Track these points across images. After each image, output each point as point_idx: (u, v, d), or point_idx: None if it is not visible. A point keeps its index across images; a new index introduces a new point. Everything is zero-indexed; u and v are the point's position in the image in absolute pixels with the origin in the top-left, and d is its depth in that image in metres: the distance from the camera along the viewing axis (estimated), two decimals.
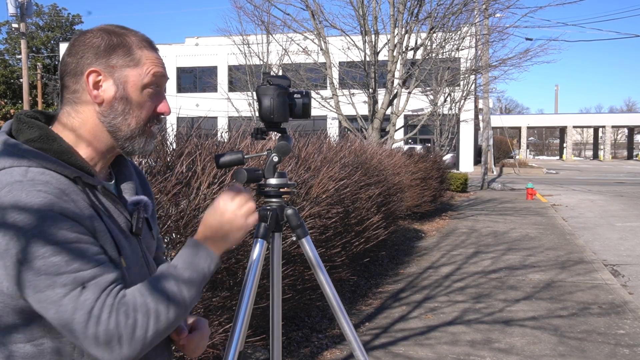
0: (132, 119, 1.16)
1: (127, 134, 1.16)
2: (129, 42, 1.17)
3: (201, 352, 1.36)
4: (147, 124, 1.18)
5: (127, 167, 1.29)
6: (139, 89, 1.16)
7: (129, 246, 1.15)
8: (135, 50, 1.17)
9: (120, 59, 1.15)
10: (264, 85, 1.74)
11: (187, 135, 3.37)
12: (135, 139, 1.17)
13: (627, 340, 4.30)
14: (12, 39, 42.33)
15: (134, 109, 1.16)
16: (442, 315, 4.88)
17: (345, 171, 4.91)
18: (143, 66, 1.16)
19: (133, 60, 1.16)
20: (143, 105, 1.17)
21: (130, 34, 1.19)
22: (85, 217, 1.04)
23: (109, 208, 1.15)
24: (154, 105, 1.19)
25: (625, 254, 8.09)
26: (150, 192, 1.38)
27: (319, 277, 1.86)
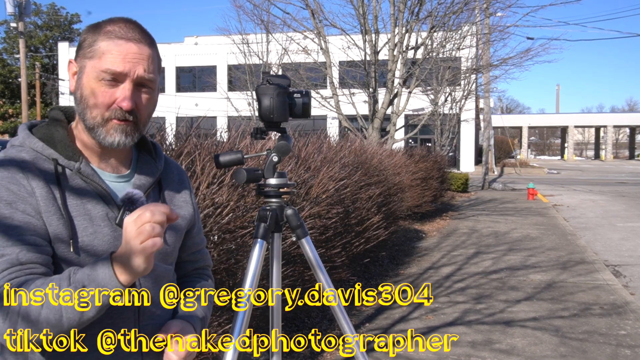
0: (88, 109, 1.17)
1: (90, 123, 1.18)
2: (100, 32, 1.17)
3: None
4: (105, 114, 1.17)
5: (149, 163, 1.30)
6: (92, 80, 1.16)
7: (101, 233, 1.16)
8: (100, 42, 1.16)
9: (85, 50, 1.18)
10: (263, 84, 1.73)
11: (186, 135, 3.35)
12: (96, 130, 1.18)
13: (629, 341, 4.29)
14: (10, 38, 42.32)
15: (87, 99, 1.17)
16: (443, 316, 4.87)
17: (345, 171, 4.89)
18: (99, 58, 1.15)
19: (92, 51, 1.16)
20: (96, 96, 1.16)
21: (114, 23, 1.19)
22: (32, 195, 1.11)
23: (82, 194, 1.17)
24: (112, 97, 1.16)
25: (627, 254, 8.08)
26: (185, 199, 1.37)
27: (319, 277, 1.85)
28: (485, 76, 18.57)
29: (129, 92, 1.16)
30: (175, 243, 1.32)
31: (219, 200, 2.96)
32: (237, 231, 3.05)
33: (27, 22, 29.53)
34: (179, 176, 1.38)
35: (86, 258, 1.14)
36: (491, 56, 15.77)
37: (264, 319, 3.22)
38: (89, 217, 1.16)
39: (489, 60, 15.56)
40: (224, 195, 2.98)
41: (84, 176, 1.17)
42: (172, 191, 1.34)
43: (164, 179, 1.33)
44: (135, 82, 1.17)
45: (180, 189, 1.37)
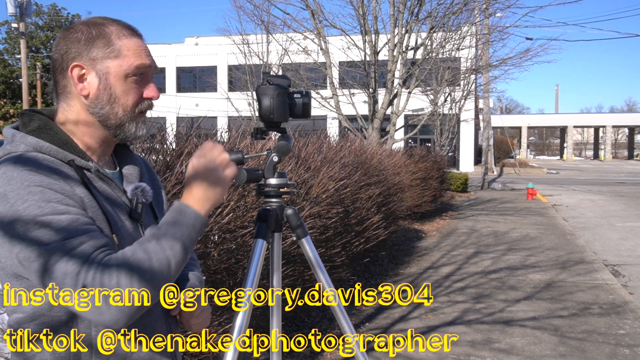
0: (119, 107, 1.19)
1: (117, 122, 1.20)
2: (108, 33, 1.19)
3: (205, 325, 1.38)
4: (136, 110, 1.21)
5: (131, 157, 1.33)
6: (121, 79, 1.18)
7: (125, 229, 1.19)
8: (115, 41, 1.19)
9: (101, 51, 1.18)
10: (263, 85, 1.74)
11: (186, 135, 3.36)
12: (124, 126, 1.21)
13: (628, 341, 4.30)
14: (11, 39, 42.31)
15: (119, 97, 1.19)
16: (443, 315, 4.87)
17: (345, 171, 4.90)
18: (124, 57, 1.18)
19: (113, 52, 1.18)
20: (128, 93, 1.19)
21: (109, 23, 1.21)
22: (74, 193, 1.10)
23: (104, 190, 1.18)
24: (140, 91, 1.21)
25: (626, 254, 8.08)
26: (159, 185, 1.42)
27: (319, 277, 1.86)
28: (485, 76, 18.58)
29: (154, 84, 1.23)
30: None
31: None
32: (238, 231, 3.06)
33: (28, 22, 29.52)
34: (146, 166, 1.41)
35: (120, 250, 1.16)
36: (490, 56, 15.78)
37: (264, 318, 3.23)
38: (116, 212, 1.18)
39: (488, 60, 15.57)
40: (224, 195, 2.99)
41: (101, 174, 1.19)
42: (149, 183, 1.36)
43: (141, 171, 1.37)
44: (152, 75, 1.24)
45: (152, 180, 1.40)
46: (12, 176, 1.06)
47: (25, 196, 1.04)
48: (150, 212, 1.31)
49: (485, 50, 16.07)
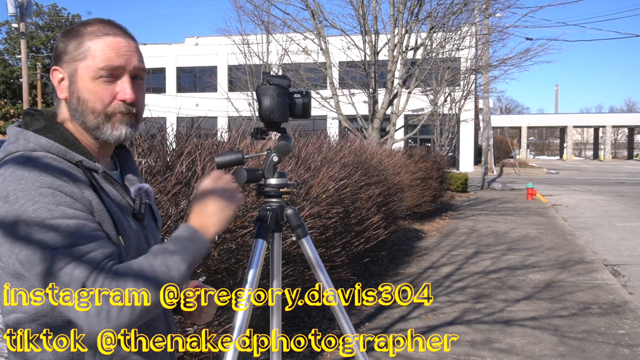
0: (88, 110, 1.17)
1: (93, 124, 1.18)
2: (82, 34, 1.17)
3: (209, 318, 1.39)
4: (107, 111, 1.18)
5: (130, 159, 1.34)
6: (88, 81, 1.16)
7: (131, 229, 1.19)
8: (86, 42, 1.16)
9: (71, 54, 1.17)
10: (263, 85, 1.74)
11: (186, 135, 3.37)
12: (100, 129, 1.18)
13: (628, 340, 4.30)
14: (11, 39, 42.30)
15: (86, 101, 1.17)
16: (443, 315, 4.88)
17: (345, 171, 4.90)
18: (91, 58, 1.15)
19: (81, 53, 1.16)
20: (96, 96, 1.16)
21: (91, 24, 1.19)
22: (83, 197, 1.09)
23: (111, 192, 1.19)
24: (113, 92, 1.17)
25: (626, 254, 8.09)
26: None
27: (319, 277, 1.86)
28: (485, 76, 18.58)
29: (129, 84, 1.18)
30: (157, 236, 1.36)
31: None
32: (238, 231, 3.06)
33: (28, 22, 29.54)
34: (137, 165, 1.43)
35: (130, 250, 1.16)
36: (490, 56, 15.78)
37: (264, 318, 3.23)
38: (122, 212, 1.18)
39: (488, 60, 15.57)
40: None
41: (108, 176, 1.19)
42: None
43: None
44: (132, 74, 1.19)
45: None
46: (22, 175, 1.05)
47: (36, 197, 1.04)
48: (150, 212, 1.31)
49: (485, 50, 16.07)
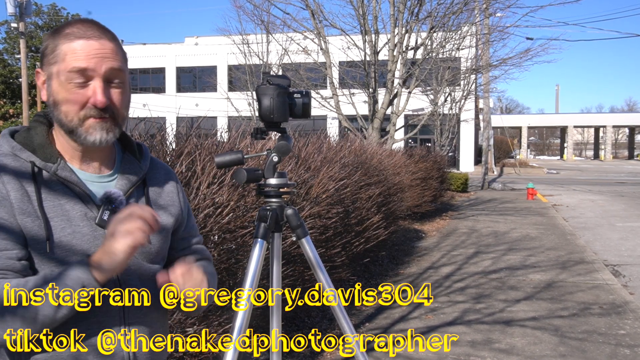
0: (62, 114, 1.18)
1: (68, 127, 1.18)
2: (60, 36, 1.18)
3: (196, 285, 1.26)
4: (80, 115, 1.17)
5: (132, 163, 1.31)
6: (60, 84, 1.16)
7: (82, 235, 1.17)
8: (61, 45, 1.17)
9: (48, 57, 1.18)
10: (263, 85, 1.73)
11: (186, 135, 3.36)
12: (75, 132, 1.18)
13: (628, 341, 4.30)
14: (11, 39, 42.31)
15: (59, 103, 1.17)
16: (443, 315, 4.87)
17: (345, 171, 4.90)
18: (63, 61, 1.16)
19: (56, 56, 1.16)
20: (68, 99, 1.16)
21: (72, 26, 1.19)
22: (6, 198, 1.11)
23: (60, 195, 1.18)
24: (85, 96, 1.17)
25: (626, 254, 8.08)
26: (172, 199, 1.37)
27: (319, 277, 1.86)
28: (485, 76, 18.58)
29: (100, 88, 1.17)
30: (161, 243, 1.31)
31: (219, 200, 2.97)
32: (238, 231, 3.06)
33: (27, 22, 29.53)
34: (166, 176, 1.38)
35: (66, 258, 1.14)
36: (491, 56, 15.77)
37: (264, 318, 3.23)
38: (67, 217, 1.16)
39: (488, 60, 15.57)
40: (224, 195, 2.99)
41: (61, 177, 1.18)
42: (157, 191, 1.34)
43: (149, 179, 1.33)
44: (105, 78, 1.17)
45: (167, 190, 1.36)
46: None
47: None
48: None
49: (486, 50, 16.07)
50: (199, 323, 2.75)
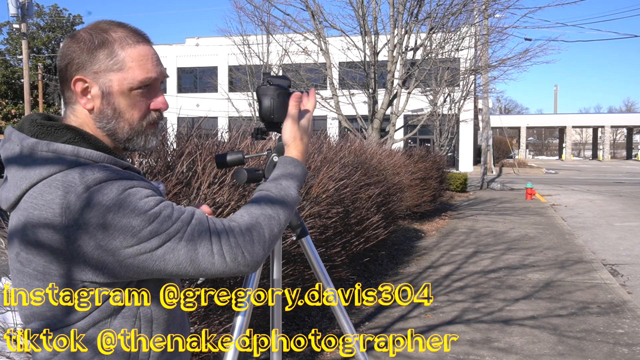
0: (124, 122, 1.14)
1: (124, 136, 1.15)
2: (111, 41, 1.12)
3: None
4: (143, 122, 1.16)
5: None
6: (125, 93, 1.13)
7: None
8: (118, 51, 1.12)
9: (103, 63, 1.12)
10: (264, 85, 1.75)
11: (187, 135, 3.38)
12: (134, 140, 1.16)
13: (626, 340, 4.32)
14: (13, 40, 42.32)
15: (123, 112, 1.14)
16: (442, 314, 4.89)
17: (345, 171, 4.91)
18: (128, 70, 1.12)
19: (117, 63, 1.12)
20: (134, 107, 1.14)
21: (114, 29, 1.14)
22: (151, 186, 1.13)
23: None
24: (147, 103, 1.16)
25: (625, 253, 8.10)
26: None
27: (319, 276, 1.87)
28: (484, 77, 18.59)
29: (162, 94, 1.19)
30: None
31: (220, 200, 2.99)
32: None
33: (29, 23, 29.53)
34: None
35: None
36: (490, 57, 15.79)
37: (264, 318, 3.24)
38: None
39: (487, 61, 15.59)
40: (225, 195, 3.01)
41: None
42: None
43: None
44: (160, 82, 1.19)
45: None
46: (121, 195, 1.06)
47: (143, 188, 1.10)
48: None
49: (484, 50, 16.09)
50: (199, 322, 2.77)
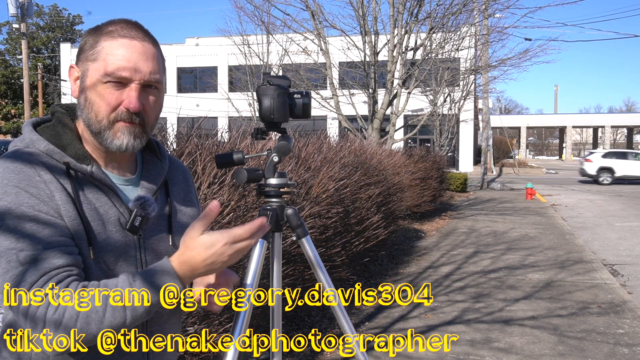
0: (93, 113, 1.13)
1: (96, 128, 1.13)
2: (100, 32, 1.14)
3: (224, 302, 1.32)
4: (111, 117, 1.13)
5: (155, 164, 1.28)
6: (95, 84, 1.12)
7: (110, 240, 1.13)
8: (100, 42, 1.12)
9: (87, 52, 1.14)
10: (264, 85, 1.75)
11: (187, 135, 3.38)
12: (102, 134, 1.13)
13: (627, 340, 4.31)
14: (12, 39, 42.32)
15: (92, 102, 1.12)
16: (442, 314, 4.89)
17: (345, 171, 4.91)
18: (101, 60, 1.11)
19: (94, 54, 1.12)
20: (102, 99, 1.12)
21: (112, 24, 1.15)
22: (51, 199, 1.07)
23: (94, 198, 1.14)
24: (119, 98, 1.12)
25: (625, 253, 8.10)
26: (191, 200, 1.36)
27: (319, 276, 1.87)
28: (484, 77, 18.59)
29: (136, 93, 1.12)
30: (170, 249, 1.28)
31: (220, 199, 2.99)
32: None
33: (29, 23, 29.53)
34: (183, 175, 1.35)
35: (104, 262, 1.12)
36: (490, 57, 15.79)
37: (264, 318, 3.24)
38: (102, 222, 1.13)
39: (487, 61, 15.59)
40: (225, 195, 3.01)
41: (96, 180, 1.14)
42: (179, 191, 1.31)
43: (169, 179, 1.30)
44: (143, 83, 1.14)
45: (186, 189, 1.34)
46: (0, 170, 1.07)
47: (0, 195, 1.04)
48: (166, 225, 1.24)
49: (485, 50, 16.09)
50: (199, 323, 2.77)
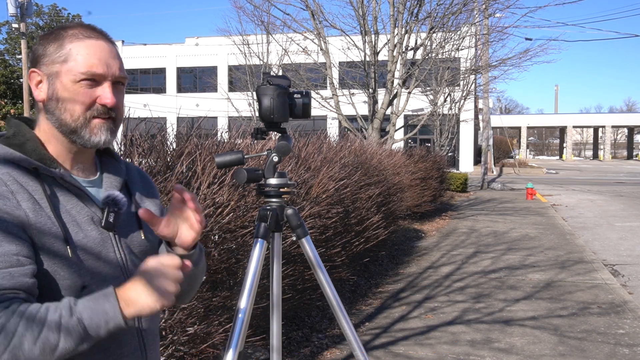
0: (66, 113, 1.16)
1: (68, 128, 1.17)
2: (63, 36, 1.18)
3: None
4: (87, 115, 1.17)
5: (114, 165, 1.31)
6: (68, 84, 1.16)
7: (90, 238, 1.17)
8: (66, 45, 1.17)
9: (52, 56, 1.17)
10: (264, 85, 1.75)
11: (187, 135, 3.37)
12: (78, 132, 1.17)
13: (627, 340, 4.31)
14: (12, 39, 42.32)
15: (65, 103, 1.16)
16: (442, 315, 4.88)
17: (345, 171, 4.91)
18: (72, 61, 1.16)
19: (62, 56, 1.16)
20: (76, 99, 1.16)
21: (72, 27, 1.20)
22: (17, 209, 1.07)
23: (65, 201, 1.17)
24: (93, 96, 1.17)
25: (625, 253, 8.10)
26: (153, 194, 1.40)
27: (319, 276, 1.87)
28: (484, 77, 18.59)
29: (110, 88, 1.18)
30: (154, 241, 1.32)
31: (220, 200, 2.98)
32: (238, 231, 3.07)
33: (28, 22, 29.50)
34: (140, 176, 1.39)
35: (84, 262, 1.14)
36: (490, 57, 15.79)
37: (264, 318, 3.24)
38: (76, 222, 1.16)
39: (487, 60, 15.58)
40: (225, 195, 3.00)
41: (66, 182, 1.17)
42: (139, 188, 1.36)
43: (128, 179, 1.34)
44: (113, 80, 1.19)
45: (146, 189, 1.38)
46: None
47: None
48: (135, 221, 1.28)
49: (485, 50, 16.08)
50: (199, 323, 2.77)
